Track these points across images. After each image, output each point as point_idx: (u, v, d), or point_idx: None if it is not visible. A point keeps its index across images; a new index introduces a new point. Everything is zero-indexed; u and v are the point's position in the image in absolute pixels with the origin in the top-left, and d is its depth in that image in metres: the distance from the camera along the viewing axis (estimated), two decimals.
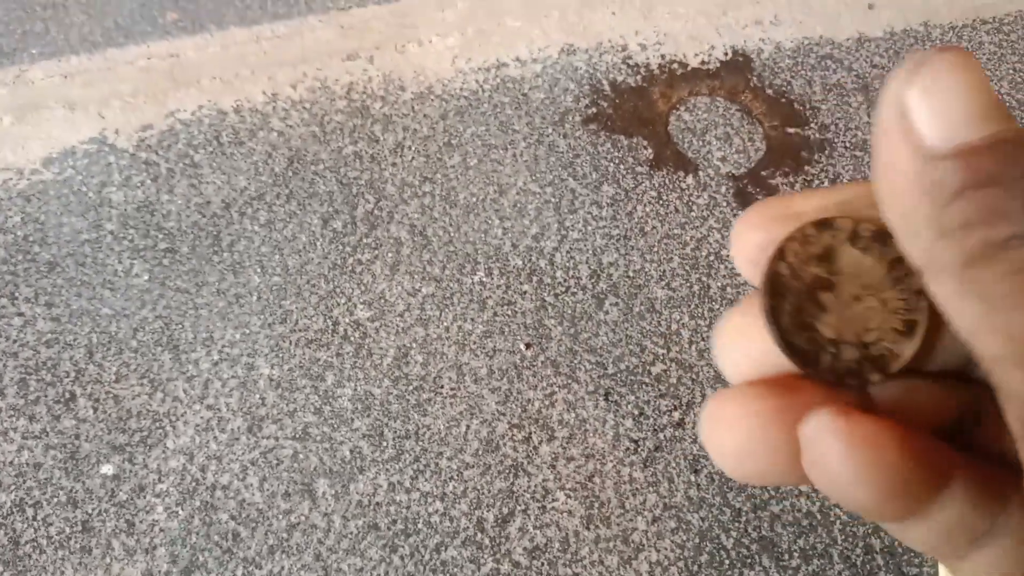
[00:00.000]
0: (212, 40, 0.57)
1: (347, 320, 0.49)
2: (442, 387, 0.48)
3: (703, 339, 0.50)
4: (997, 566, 0.21)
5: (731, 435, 0.21)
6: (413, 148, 0.54)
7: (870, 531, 0.47)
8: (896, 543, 0.46)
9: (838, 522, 0.47)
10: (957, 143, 0.14)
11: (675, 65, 0.59)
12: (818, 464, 0.19)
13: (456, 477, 0.46)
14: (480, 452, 0.47)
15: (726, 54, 0.62)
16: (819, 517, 0.47)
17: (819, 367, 0.19)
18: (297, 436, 0.46)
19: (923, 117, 0.15)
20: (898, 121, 0.15)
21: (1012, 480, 0.20)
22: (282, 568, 0.44)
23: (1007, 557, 0.21)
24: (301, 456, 0.46)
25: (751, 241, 0.21)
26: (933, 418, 0.21)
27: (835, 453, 0.18)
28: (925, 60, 0.15)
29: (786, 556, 0.46)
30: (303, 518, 0.45)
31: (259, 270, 0.51)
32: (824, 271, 0.20)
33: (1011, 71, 0.54)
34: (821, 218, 0.19)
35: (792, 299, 0.20)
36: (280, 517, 0.45)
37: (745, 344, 0.21)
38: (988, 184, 0.14)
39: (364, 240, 0.51)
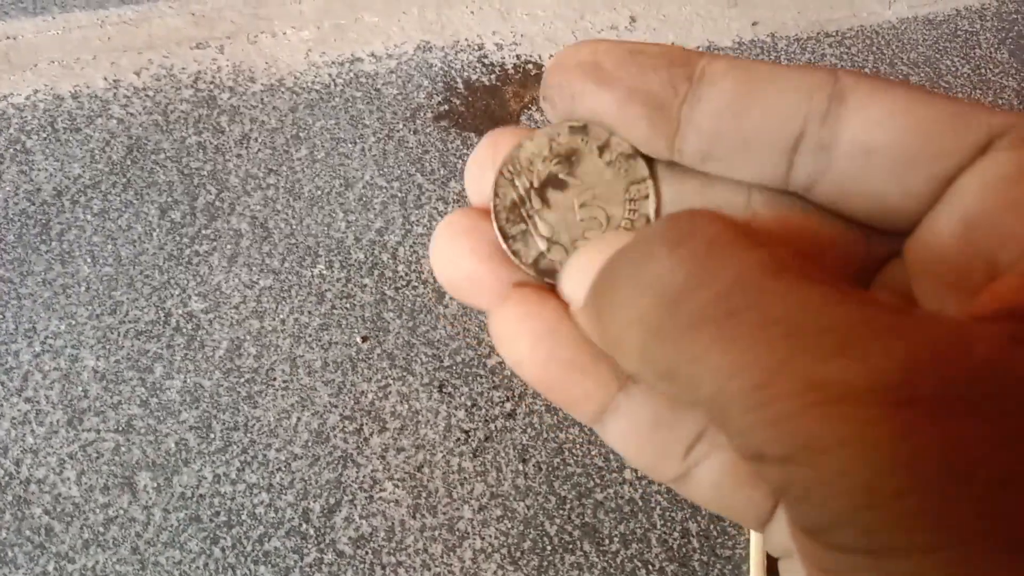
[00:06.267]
0: (54, 23, 0.55)
1: (180, 312, 0.49)
2: (274, 379, 0.48)
3: None
4: (720, 483, 0.19)
5: (453, 262, 0.20)
6: (260, 140, 0.54)
7: (688, 516, 0.49)
8: (711, 526, 0.48)
9: (658, 508, 0.49)
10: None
11: (530, 65, 0.61)
12: (503, 339, 0.18)
13: (284, 468, 0.46)
14: (310, 443, 0.47)
15: None
16: (640, 504, 0.49)
17: (524, 260, 0.19)
18: (120, 429, 0.46)
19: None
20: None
21: None
22: (96, 562, 0.43)
23: (727, 473, 0.19)
24: (123, 449, 0.46)
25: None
26: None
27: (519, 325, 0.18)
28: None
29: (607, 541, 0.48)
30: (121, 511, 0.44)
31: (89, 260, 0.50)
32: (562, 171, 0.20)
33: None
34: (581, 122, 0.19)
35: (521, 186, 0.20)
36: (97, 511, 0.44)
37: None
38: None
39: (203, 231, 0.51)
